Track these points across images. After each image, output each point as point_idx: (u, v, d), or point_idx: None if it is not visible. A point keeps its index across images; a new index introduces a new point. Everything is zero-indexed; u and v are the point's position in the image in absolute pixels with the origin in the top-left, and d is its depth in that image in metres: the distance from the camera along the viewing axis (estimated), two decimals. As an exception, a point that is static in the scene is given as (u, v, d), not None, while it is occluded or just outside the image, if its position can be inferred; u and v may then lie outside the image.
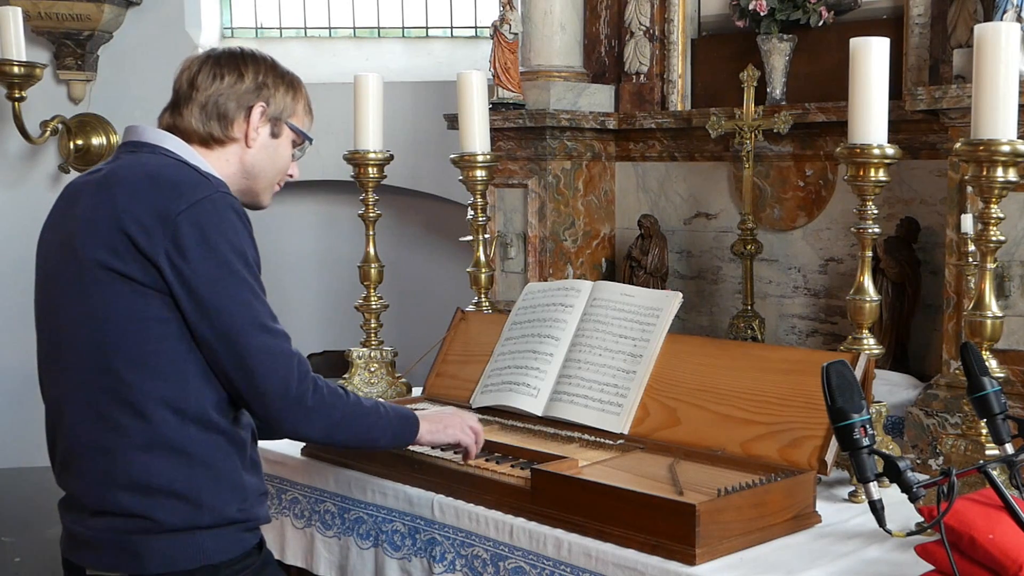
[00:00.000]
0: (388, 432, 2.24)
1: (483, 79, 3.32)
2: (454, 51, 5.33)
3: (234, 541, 2.04)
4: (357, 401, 2.17)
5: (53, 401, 2.10)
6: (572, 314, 2.80)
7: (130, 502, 1.96)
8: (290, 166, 2.24)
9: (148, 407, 1.95)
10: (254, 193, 2.20)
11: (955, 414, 2.86)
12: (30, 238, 5.07)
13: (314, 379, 2.05)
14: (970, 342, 2.19)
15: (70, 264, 2.02)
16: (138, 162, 2.05)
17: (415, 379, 3.35)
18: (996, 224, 2.28)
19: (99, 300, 1.96)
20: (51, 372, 2.10)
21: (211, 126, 2.10)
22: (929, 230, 3.40)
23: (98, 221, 1.98)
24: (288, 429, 2.07)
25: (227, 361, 1.97)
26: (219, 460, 2.02)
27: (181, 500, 1.97)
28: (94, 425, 1.98)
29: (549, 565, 2.17)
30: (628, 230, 4.15)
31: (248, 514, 2.06)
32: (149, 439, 1.96)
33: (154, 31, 4.97)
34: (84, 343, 1.99)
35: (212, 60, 2.13)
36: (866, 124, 2.46)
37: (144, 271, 1.93)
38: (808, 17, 3.61)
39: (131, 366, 1.95)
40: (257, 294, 2.00)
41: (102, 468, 1.98)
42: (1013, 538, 1.76)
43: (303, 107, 2.22)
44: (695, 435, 2.45)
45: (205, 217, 1.94)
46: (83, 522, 2.02)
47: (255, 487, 2.10)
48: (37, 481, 4.96)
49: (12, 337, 4.94)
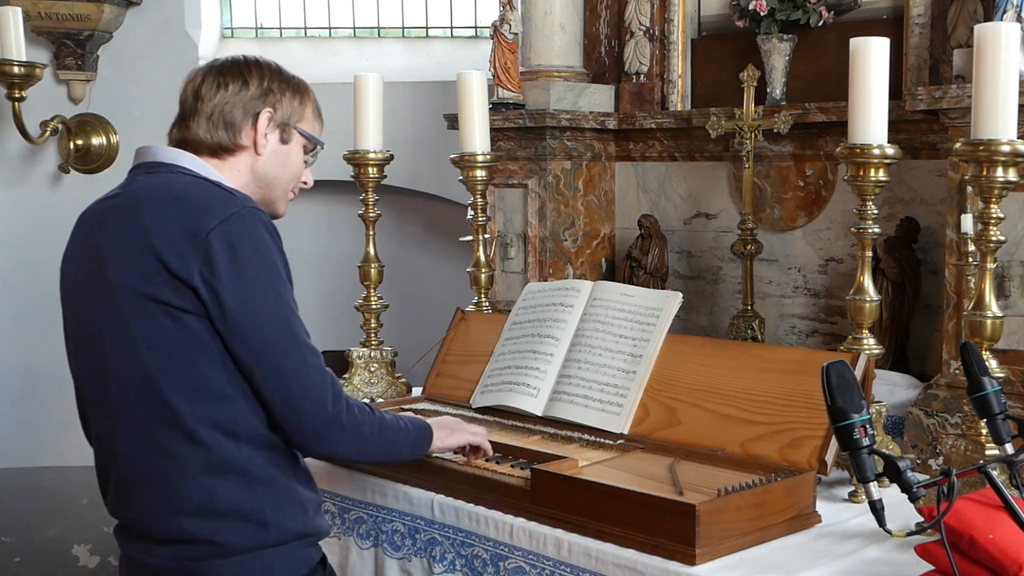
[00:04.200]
0: (409, 443, 2.24)
1: (483, 79, 3.32)
2: (454, 51, 5.33)
3: (300, 559, 2.04)
4: (382, 416, 2.16)
5: (103, 437, 2.06)
6: (572, 314, 2.80)
7: (196, 528, 1.95)
8: (304, 173, 2.22)
9: (201, 432, 1.93)
10: (269, 202, 2.16)
11: (955, 414, 2.86)
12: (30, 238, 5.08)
13: (346, 398, 2.05)
14: (970, 342, 2.19)
15: (104, 295, 1.98)
16: (159, 183, 2.02)
17: (415, 379, 3.35)
18: (996, 224, 2.28)
19: (139, 329, 1.93)
20: (97, 405, 2.05)
21: (219, 135, 2.07)
22: (929, 230, 3.40)
23: (129, 248, 1.94)
24: (325, 450, 2.06)
25: (263, 381, 1.94)
26: (277, 476, 2.01)
27: (246, 521, 1.96)
28: (149, 455, 1.96)
29: (549, 565, 2.17)
30: (628, 230, 4.15)
31: (311, 527, 2.06)
32: (207, 464, 1.94)
33: (154, 31, 4.96)
34: (130, 374, 1.95)
35: (215, 70, 2.11)
36: (866, 124, 2.46)
37: (179, 295, 1.90)
38: (808, 17, 3.61)
39: (179, 393, 1.92)
40: (292, 310, 1.98)
41: (163, 497, 1.96)
42: (1013, 538, 1.76)
43: (311, 111, 2.19)
44: (695, 435, 2.45)
45: (235, 234, 1.91)
46: (149, 551, 2.00)
47: (312, 499, 2.10)
48: (37, 481, 4.98)
49: (12, 337, 4.95)
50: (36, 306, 4.80)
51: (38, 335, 4.79)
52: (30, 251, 4.86)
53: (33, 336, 4.83)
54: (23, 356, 4.91)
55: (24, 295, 4.87)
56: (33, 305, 4.81)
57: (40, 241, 4.78)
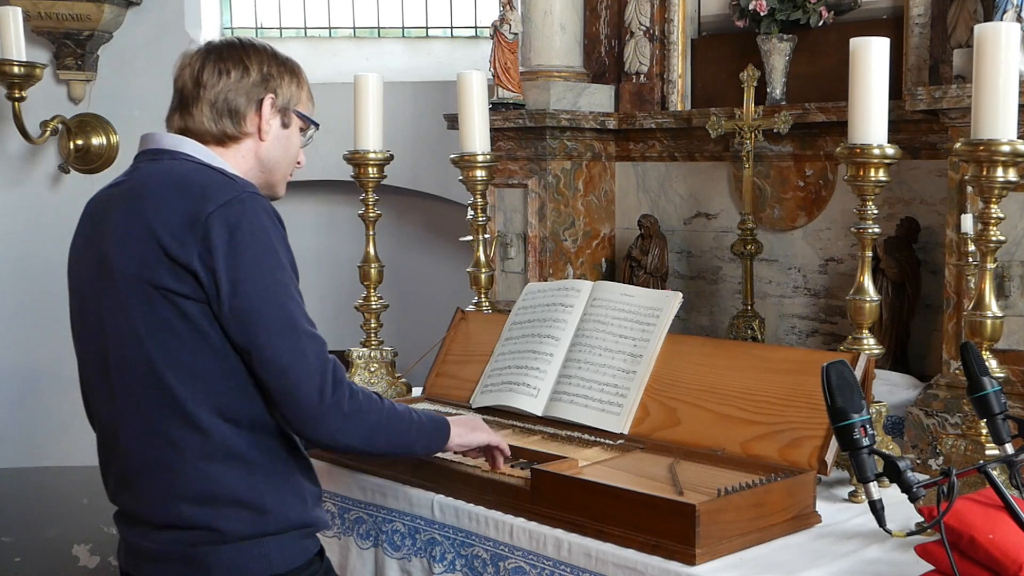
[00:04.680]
0: (423, 437, 2.21)
1: (483, 79, 3.32)
2: (454, 51, 5.33)
3: (297, 549, 2.04)
4: (392, 406, 2.13)
5: (105, 423, 2.07)
6: (572, 314, 2.80)
7: (195, 514, 1.95)
8: (299, 153, 2.23)
9: (203, 419, 1.94)
10: (271, 185, 2.19)
11: (955, 414, 2.86)
12: (30, 238, 5.08)
13: (349, 384, 2.02)
14: (970, 342, 2.19)
15: (108, 283, 1.99)
16: (162, 170, 2.03)
17: (415, 379, 3.35)
18: (996, 224, 2.29)
19: (141, 317, 1.94)
20: (101, 393, 2.06)
21: (224, 124, 2.08)
22: (929, 230, 3.40)
23: (130, 235, 1.95)
24: (326, 437, 2.02)
25: (259, 365, 1.94)
26: (278, 464, 2.01)
27: (245, 508, 1.97)
28: (151, 441, 1.97)
29: (549, 565, 2.17)
30: (628, 230, 4.15)
31: (309, 517, 2.06)
32: (208, 450, 1.94)
33: (154, 31, 4.96)
34: (132, 361, 1.96)
35: (214, 55, 2.11)
36: (866, 124, 2.46)
37: (180, 281, 1.91)
38: (808, 17, 3.61)
39: (181, 380, 1.93)
40: (291, 295, 1.97)
41: (164, 483, 1.97)
42: (1013, 538, 1.76)
43: (306, 93, 2.21)
44: (695, 435, 2.45)
45: (234, 218, 1.92)
46: (148, 536, 2.01)
47: (312, 491, 2.10)
48: (37, 481, 4.97)
49: (12, 337, 4.94)
50: (36, 306, 4.80)
51: (38, 335, 4.79)
52: (30, 251, 4.86)
53: (33, 336, 4.83)
54: (23, 356, 4.91)
55: (24, 295, 4.87)
56: (33, 305, 4.81)
57: (40, 241, 4.78)
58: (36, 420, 4.89)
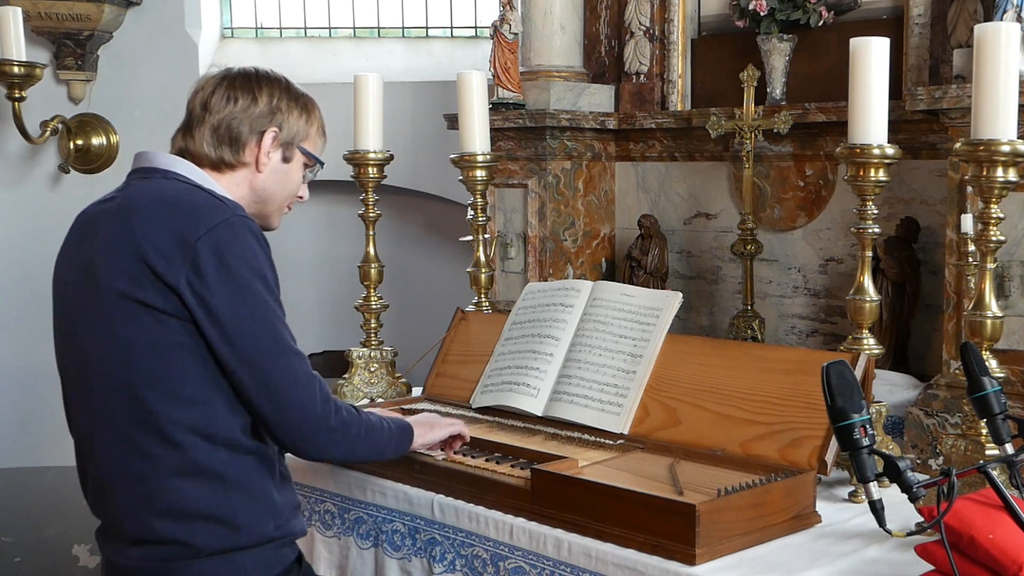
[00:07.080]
0: (392, 443, 2.28)
1: (483, 79, 3.32)
2: (454, 51, 5.33)
3: (273, 559, 2.05)
4: (368, 418, 2.20)
5: (82, 433, 2.08)
6: (572, 314, 2.80)
7: (168, 529, 1.97)
8: (301, 188, 2.24)
9: (177, 434, 1.95)
10: (264, 216, 2.19)
11: (955, 414, 2.86)
12: (30, 238, 5.08)
13: (334, 400, 2.07)
14: (970, 342, 2.19)
15: (91, 296, 2.00)
16: (153, 188, 2.04)
17: (415, 379, 3.35)
18: (996, 224, 2.28)
19: (122, 331, 1.95)
20: (78, 404, 2.08)
21: (222, 151, 2.10)
22: (929, 230, 3.40)
23: (117, 250, 1.96)
24: (314, 452, 2.10)
25: (251, 385, 1.96)
26: (252, 480, 2.02)
27: (218, 524, 1.98)
28: (125, 455, 1.98)
29: (549, 565, 2.17)
30: (628, 230, 4.15)
31: (284, 530, 2.07)
32: (181, 465, 1.96)
33: (154, 31, 4.96)
34: (110, 374, 1.97)
35: (227, 82, 2.12)
36: (866, 124, 2.46)
37: (165, 299, 1.92)
38: (808, 17, 3.61)
39: (158, 395, 1.94)
40: (279, 316, 2.00)
41: (137, 497, 1.98)
42: (1013, 538, 1.76)
43: (316, 129, 2.21)
44: (695, 435, 2.45)
45: (224, 242, 1.93)
46: (124, 552, 2.02)
47: (289, 502, 2.11)
48: (37, 481, 4.97)
49: (12, 337, 4.95)
50: (36, 306, 4.77)
51: (38, 335, 4.75)
52: (30, 251, 4.86)
53: (33, 336, 4.82)
54: (23, 356, 4.91)
55: (24, 295, 4.87)
56: (33, 305, 4.80)
57: (40, 241, 4.77)
58: (36, 420, 4.89)
